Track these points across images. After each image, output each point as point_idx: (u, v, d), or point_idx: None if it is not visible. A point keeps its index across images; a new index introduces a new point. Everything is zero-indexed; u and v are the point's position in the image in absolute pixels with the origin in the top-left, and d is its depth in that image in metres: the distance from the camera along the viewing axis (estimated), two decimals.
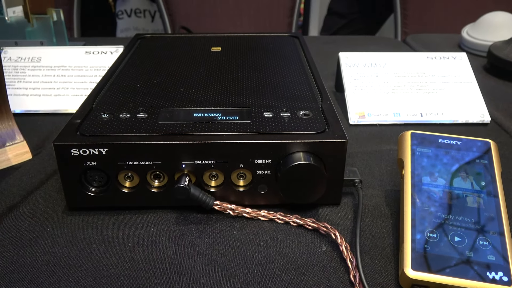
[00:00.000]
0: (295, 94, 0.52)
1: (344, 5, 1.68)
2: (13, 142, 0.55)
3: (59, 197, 0.48)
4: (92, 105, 0.49)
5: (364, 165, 0.54)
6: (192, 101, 0.50)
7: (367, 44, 1.03)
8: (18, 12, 0.85)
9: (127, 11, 2.30)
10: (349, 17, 1.68)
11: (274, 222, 0.44)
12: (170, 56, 0.64)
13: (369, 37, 1.13)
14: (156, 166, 0.43)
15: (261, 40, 0.72)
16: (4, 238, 0.42)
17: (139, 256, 0.40)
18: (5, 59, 0.73)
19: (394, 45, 1.07)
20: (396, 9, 1.46)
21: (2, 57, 0.74)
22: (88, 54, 0.75)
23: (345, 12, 1.67)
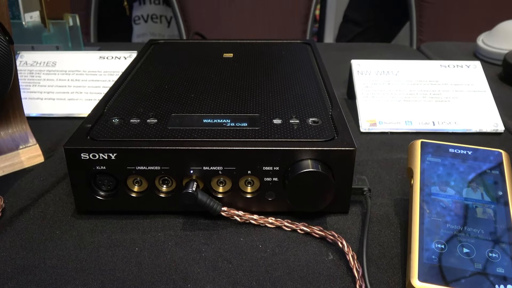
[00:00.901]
0: (305, 101, 0.52)
1: (359, 13, 1.67)
2: (26, 145, 0.55)
3: (69, 201, 0.48)
4: (103, 109, 0.50)
5: (373, 174, 0.53)
6: (202, 107, 0.50)
7: (382, 52, 1.03)
8: (35, 17, 0.86)
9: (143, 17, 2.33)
10: (365, 25, 1.67)
11: (281, 230, 0.44)
12: (182, 62, 0.65)
13: (384, 45, 1.12)
14: (164, 172, 0.43)
15: (273, 47, 0.73)
16: (14, 240, 0.42)
17: (145, 261, 0.40)
18: (21, 63, 0.75)
19: (408, 53, 1.07)
20: (411, 17, 1.45)
21: (18, 61, 0.75)
22: (102, 59, 0.76)
23: (361, 20, 1.67)
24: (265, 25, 1.52)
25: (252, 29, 1.51)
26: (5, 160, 0.54)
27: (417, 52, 1.08)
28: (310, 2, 1.49)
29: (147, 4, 2.30)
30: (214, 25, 1.50)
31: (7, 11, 0.50)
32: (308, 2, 1.49)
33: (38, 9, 0.85)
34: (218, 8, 1.48)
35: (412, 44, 1.46)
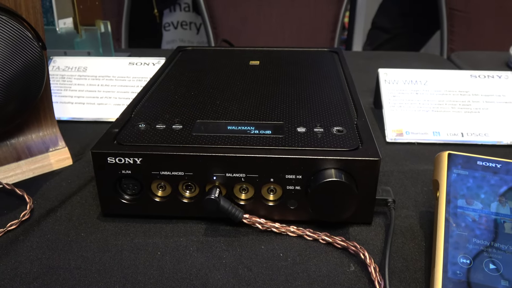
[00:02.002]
0: (330, 110, 0.52)
1: (388, 20, 1.66)
2: (55, 148, 0.57)
3: (94, 203, 0.49)
4: (130, 114, 0.51)
5: (399, 185, 0.53)
6: (226, 114, 0.50)
7: (410, 61, 1.01)
8: (68, 24, 0.89)
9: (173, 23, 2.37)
10: (393, 32, 1.65)
11: (303, 239, 0.43)
12: (209, 69, 0.66)
13: (412, 54, 1.11)
14: (188, 177, 0.44)
15: (299, 55, 0.73)
16: (41, 241, 0.43)
17: (167, 266, 0.40)
18: (54, 68, 0.77)
19: (438, 62, 1.05)
20: (442, 25, 1.42)
21: (51, 66, 0.77)
22: (132, 65, 0.78)
23: (389, 27, 1.65)
24: (293, 33, 1.52)
25: (280, 37, 1.52)
26: (35, 162, 0.55)
27: (447, 61, 1.06)
28: (339, 10, 1.49)
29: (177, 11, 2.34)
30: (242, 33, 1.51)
31: (42, 18, 0.52)
32: (337, 10, 1.49)
33: (71, 15, 0.87)
34: (246, 16, 1.49)
35: (442, 53, 1.44)
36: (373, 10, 1.76)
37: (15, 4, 0.50)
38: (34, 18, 0.51)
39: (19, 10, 0.50)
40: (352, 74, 0.64)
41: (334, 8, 1.49)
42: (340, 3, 1.47)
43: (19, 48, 0.47)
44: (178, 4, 2.30)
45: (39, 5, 0.52)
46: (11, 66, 0.46)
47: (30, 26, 0.49)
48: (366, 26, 2.31)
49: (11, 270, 0.40)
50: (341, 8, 1.48)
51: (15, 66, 0.46)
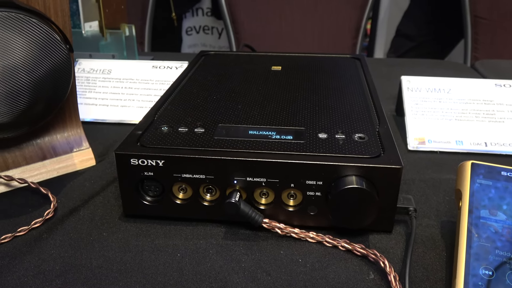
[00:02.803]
0: (351, 116, 0.51)
1: (413, 27, 1.64)
2: (79, 149, 0.58)
3: (116, 204, 0.50)
4: (153, 117, 0.52)
5: (420, 193, 0.52)
6: (248, 119, 0.51)
7: (433, 69, 1.00)
8: (94, 27, 0.91)
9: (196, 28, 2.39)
10: (418, 40, 1.64)
11: (322, 245, 0.43)
12: (231, 73, 0.66)
13: (435, 61, 1.10)
14: (209, 180, 0.44)
15: (321, 61, 0.73)
16: (64, 239, 0.44)
17: (186, 267, 0.40)
18: (79, 70, 0.79)
19: (461, 70, 1.04)
20: (466, 33, 1.41)
21: (77, 68, 0.79)
22: (155, 69, 0.79)
23: (414, 35, 1.64)
24: (315, 38, 1.52)
25: (302, 43, 1.52)
26: (59, 162, 0.56)
27: (471, 69, 1.05)
28: (362, 16, 1.49)
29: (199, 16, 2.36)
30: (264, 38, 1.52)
31: (69, 21, 0.53)
32: (359, 16, 1.48)
33: (97, 19, 0.89)
34: (268, 21, 1.50)
35: (466, 61, 1.42)
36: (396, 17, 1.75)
37: (44, 7, 0.51)
38: (62, 21, 0.53)
39: (48, 13, 0.51)
40: (375, 81, 0.64)
41: (356, 14, 1.48)
42: (362, 9, 1.47)
43: (48, 50, 0.48)
44: (201, 9, 2.33)
45: (67, 8, 0.53)
46: (40, 67, 0.47)
47: (58, 28, 0.50)
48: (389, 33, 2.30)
49: (35, 267, 0.41)
50: (364, 14, 1.48)
51: (43, 68, 0.48)
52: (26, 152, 0.55)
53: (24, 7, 0.47)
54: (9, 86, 0.45)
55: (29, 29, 0.46)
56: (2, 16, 0.45)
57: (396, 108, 0.74)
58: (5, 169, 0.53)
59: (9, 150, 0.54)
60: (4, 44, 0.45)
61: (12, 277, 0.39)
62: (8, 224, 0.47)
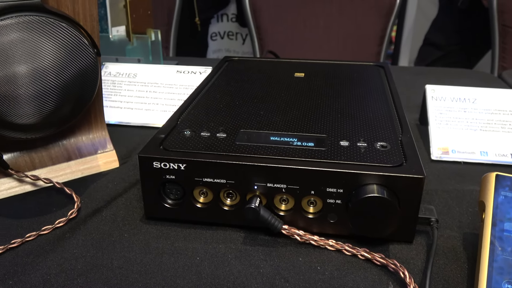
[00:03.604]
0: (374, 124, 0.51)
1: (442, 36, 1.62)
2: (104, 150, 0.59)
3: (138, 206, 0.51)
4: (176, 121, 0.52)
5: (443, 204, 0.51)
6: (270, 125, 0.51)
7: (459, 78, 0.99)
8: (121, 31, 0.92)
9: (220, 33, 2.41)
10: (446, 49, 1.62)
11: (342, 253, 0.43)
12: (254, 79, 0.66)
13: (461, 70, 1.08)
14: (229, 185, 0.44)
15: (345, 68, 0.72)
16: (86, 239, 0.45)
17: (205, 271, 0.41)
18: (106, 73, 0.80)
19: (488, 80, 1.02)
20: (494, 42, 1.38)
21: (103, 71, 0.80)
22: (179, 73, 0.80)
23: (442, 44, 1.62)
24: (339, 45, 1.51)
25: (326, 50, 1.52)
26: (84, 163, 0.57)
27: (498, 79, 1.03)
28: (387, 24, 1.47)
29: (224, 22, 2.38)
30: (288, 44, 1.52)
31: (97, 26, 0.55)
32: (385, 24, 1.47)
33: (124, 24, 0.91)
34: (292, 27, 1.50)
35: (493, 70, 1.40)
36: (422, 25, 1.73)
37: (73, 12, 0.52)
38: (91, 26, 0.54)
39: (77, 17, 0.53)
40: (399, 90, 0.63)
41: (381, 21, 1.47)
42: (388, 17, 1.46)
43: (76, 54, 0.49)
44: (226, 15, 2.35)
45: (95, 13, 0.54)
46: (68, 70, 0.48)
47: (87, 33, 0.51)
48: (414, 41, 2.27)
49: (57, 266, 0.41)
50: (389, 22, 1.46)
51: (71, 71, 0.49)
52: (52, 152, 0.56)
53: (54, 12, 0.48)
54: (38, 88, 0.47)
55: (58, 33, 0.47)
56: (33, 20, 0.46)
57: (419, 117, 0.73)
58: (32, 168, 0.55)
59: (36, 151, 0.55)
60: (34, 47, 0.46)
61: (35, 274, 0.40)
62: (33, 222, 0.48)
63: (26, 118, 0.47)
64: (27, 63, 0.46)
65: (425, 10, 2.25)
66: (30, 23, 0.46)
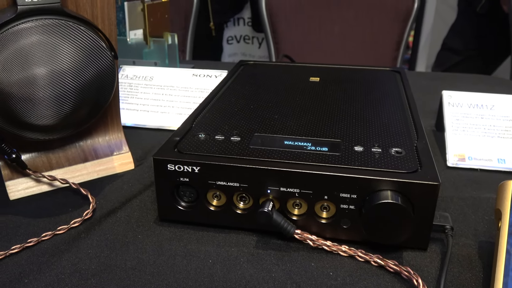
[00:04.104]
0: (389, 130, 0.51)
1: (460, 41, 1.60)
2: (119, 152, 0.60)
3: (152, 208, 0.51)
4: (191, 124, 0.53)
5: (458, 212, 0.51)
6: (284, 129, 0.51)
7: (476, 84, 0.98)
8: (138, 35, 0.93)
9: (236, 37, 2.42)
10: (465, 54, 1.60)
11: (354, 259, 0.43)
12: (269, 84, 0.67)
13: (480, 76, 1.07)
14: (242, 189, 0.44)
15: (360, 73, 0.72)
16: (101, 240, 0.46)
17: (217, 274, 0.41)
18: (122, 76, 0.81)
19: (506, 86, 1.00)
20: None
21: (120, 74, 0.81)
22: (195, 77, 0.80)
23: (461, 49, 1.60)
24: (355, 50, 1.51)
25: (342, 54, 1.51)
26: (100, 164, 0.58)
27: None
28: (404, 29, 1.46)
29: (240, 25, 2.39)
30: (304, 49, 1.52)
31: (115, 29, 0.55)
32: (402, 29, 1.46)
33: (142, 27, 0.92)
34: (308, 32, 1.50)
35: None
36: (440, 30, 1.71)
37: (92, 16, 0.53)
38: (109, 29, 0.55)
39: (95, 21, 0.53)
40: (415, 95, 0.63)
41: (398, 26, 1.46)
42: (405, 22, 1.45)
43: (94, 57, 0.50)
44: (242, 19, 2.36)
45: (113, 17, 0.55)
46: (86, 73, 0.49)
47: (105, 36, 0.52)
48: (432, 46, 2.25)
49: (72, 266, 0.42)
50: (406, 27, 1.45)
51: (89, 73, 0.49)
52: (69, 153, 0.57)
53: (73, 15, 0.49)
54: (56, 90, 0.48)
55: (77, 36, 0.48)
56: (53, 24, 0.47)
57: (436, 123, 0.73)
58: (49, 169, 0.55)
59: (53, 151, 0.56)
60: (54, 50, 0.47)
61: (50, 273, 0.41)
62: (49, 222, 0.49)
63: (45, 119, 0.48)
64: (46, 66, 0.47)
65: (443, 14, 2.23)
66: (49, 26, 0.47)
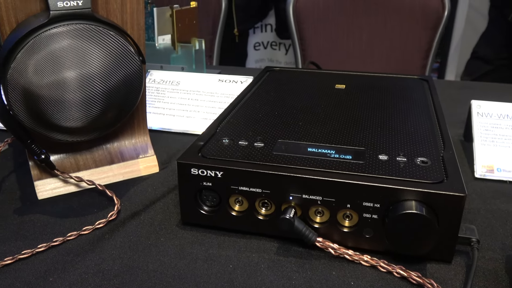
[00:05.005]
0: (415, 139, 0.50)
1: (490, 50, 1.57)
2: (145, 155, 0.61)
3: (175, 211, 0.51)
4: (216, 129, 0.53)
5: (485, 224, 0.49)
6: (308, 136, 0.51)
7: (507, 93, 0.95)
8: (166, 40, 0.95)
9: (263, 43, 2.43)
10: (495, 63, 1.56)
11: (376, 269, 0.42)
12: (294, 90, 0.67)
13: (510, 86, 1.04)
14: (265, 195, 0.44)
15: (387, 81, 0.71)
16: (124, 241, 0.46)
17: (237, 279, 0.41)
18: (150, 80, 0.82)
19: None
20: None
21: (148, 78, 0.83)
22: (221, 82, 0.81)
23: (491, 58, 1.56)
24: (382, 58, 1.49)
25: (369, 62, 1.50)
26: (126, 167, 0.59)
27: None
28: (433, 37, 1.44)
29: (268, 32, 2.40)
30: (331, 56, 1.51)
31: (144, 35, 0.56)
32: (431, 37, 1.44)
33: (170, 33, 0.93)
34: (335, 39, 1.49)
35: None
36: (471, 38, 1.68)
37: (121, 21, 0.54)
38: (137, 34, 0.56)
39: (124, 26, 0.55)
40: (443, 104, 0.62)
41: (428, 34, 1.44)
42: (435, 29, 1.43)
43: (122, 61, 0.51)
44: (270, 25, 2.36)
45: (142, 22, 0.56)
46: (114, 77, 0.50)
47: (133, 41, 0.53)
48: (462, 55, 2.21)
49: (95, 266, 0.43)
50: (436, 34, 1.43)
51: (117, 77, 0.50)
52: (96, 155, 0.58)
53: (103, 21, 0.50)
54: (85, 93, 0.49)
55: (106, 41, 0.49)
56: (83, 28, 0.48)
57: (464, 133, 0.71)
58: (76, 170, 0.57)
59: (81, 153, 0.57)
60: (84, 54, 0.48)
61: (73, 273, 0.42)
62: (74, 222, 0.50)
63: (73, 121, 0.49)
64: (76, 69, 0.48)
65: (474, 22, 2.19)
66: (80, 31, 0.48)
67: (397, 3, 1.44)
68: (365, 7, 1.46)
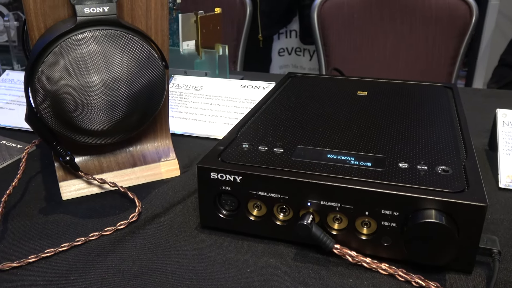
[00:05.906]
0: (436, 147, 0.49)
1: None
2: (167, 159, 0.62)
3: (195, 214, 0.52)
4: (236, 134, 0.54)
5: (508, 236, 0.48)
6: (328, 142, 0.51)
7: None
8: (191, 46, 0.96)
9: (288, 49, 2.44)
10: None
11: (394, 278, 0.42)
12: (315, 96, 0.67)
13: None
14: (283, 200, 0.45)
15: (410, 88, 0.71)
16: (144, 243, 0.47)
17: (254, 284, 0.41)
18: (174, 85, 0.84)
19: None
20: None
21: (172, 83, 0.84)
22: (243, 87, 0.81)
23: None
24: (407, 65, 1.48)
25: (394, 69, 1.49)
26: (148, 170, 0.60)
27: None
28: (460, 44, 1.42)
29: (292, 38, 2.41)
30: (355, 62, 1.51)
31: (168, 40, 0.57)
32: (458, 43, 1.42)
33: (194, 38, 0.95)
34: (360, 45, 1.49)
35: None
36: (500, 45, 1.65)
37: (146, 27, 0.55)
38: (161, 40, 0.57)
39: (149, 32, 0.56)
40: (468, 112, 0.61)
41: (455, 41, 1.42)
42: (462, 36, 1.41)
43: (146, 66, 0.52)
44: (294, 31, 2.37)
45: (166, 28, 0.57)
46: (137, 81, 0.51)
47: (157, 47, 0.54)
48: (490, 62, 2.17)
49: (115, 266, 0.44)
50: (463, 41, 1.41)
51: (140, 82, 0.51)
52: (119, 158, 0.59)
53: (128, 26, 0.51)
54: (109, 97, 0.50)
55: (131, 46, 0.50)
56: (109, 34, 0.49)
57: (489, 142, 0.70)
58: (100, 172, 0.58)
59: (104, 156, 0.58)
60: (108, 59, 0.49)
61: (94, 272, 0.43)
62: (97, 223, 0.51)
63: (97, 124, 0.51)
64: (101, 74, 0.49)
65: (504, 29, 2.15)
66: (106, 37, 0.49)
67: (423, 10, 1.43)
68: (390, 14, 1.45)
